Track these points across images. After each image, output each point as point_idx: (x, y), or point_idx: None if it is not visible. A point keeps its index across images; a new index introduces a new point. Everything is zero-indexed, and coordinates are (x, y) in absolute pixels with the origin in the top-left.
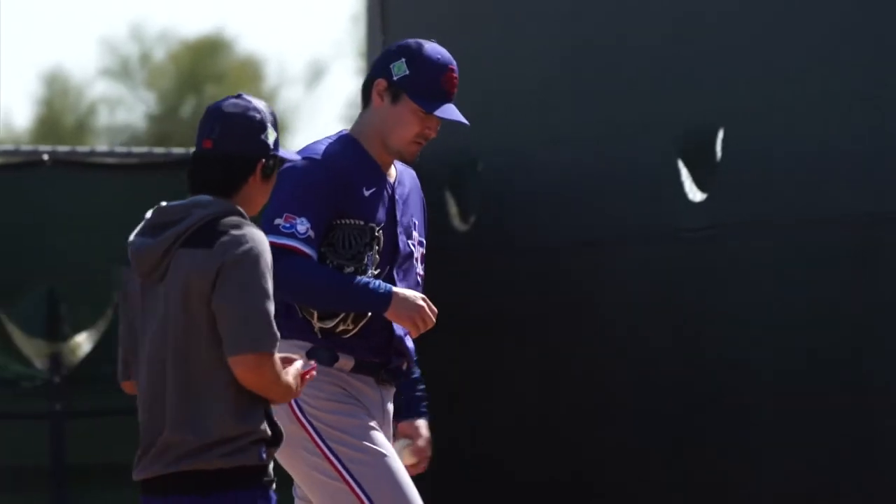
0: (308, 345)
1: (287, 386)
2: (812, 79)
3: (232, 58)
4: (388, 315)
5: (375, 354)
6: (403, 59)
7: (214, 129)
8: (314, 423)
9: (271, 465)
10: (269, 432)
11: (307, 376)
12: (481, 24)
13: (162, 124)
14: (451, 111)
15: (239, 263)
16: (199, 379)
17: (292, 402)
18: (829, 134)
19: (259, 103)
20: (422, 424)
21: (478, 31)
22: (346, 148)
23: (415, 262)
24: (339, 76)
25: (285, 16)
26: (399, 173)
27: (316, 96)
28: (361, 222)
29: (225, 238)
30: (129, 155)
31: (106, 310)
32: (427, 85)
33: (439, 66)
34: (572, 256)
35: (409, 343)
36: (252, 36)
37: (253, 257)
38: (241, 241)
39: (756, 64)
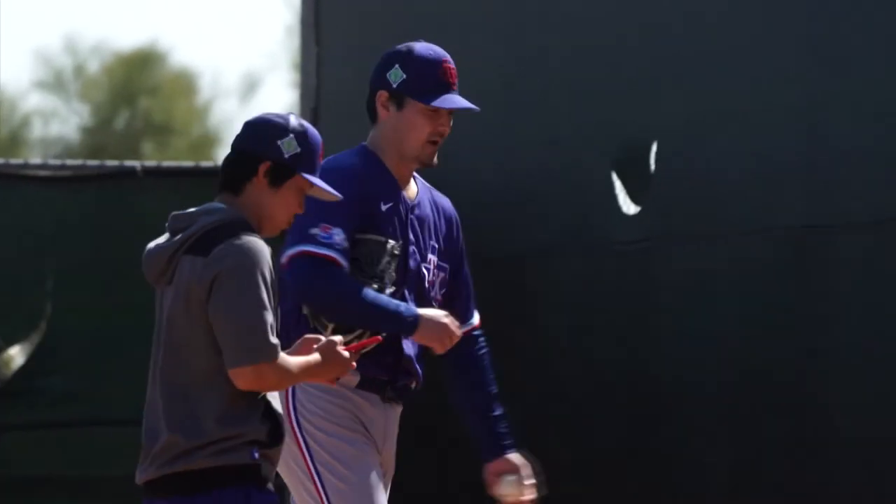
0: None
1: (300, 375)
2: (750, 92)
3: (166, 70)
4: (414, 338)
5: (383, 371)
6: (397, 65)
7: (241, 130)
8: (308, 441)
9: (270, 466)
10: (267, 435)
11: (363, 347)
12: (417, 36)
13: (96, 137)
14: (456, 101)
15: (233, 273)
16: (198, 382)
17: (292, 413)
18: (766, 147)
19: (296, 120)
20: (515, 457)
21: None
22: (365, 160)
23: (428, 285)
24: (274, 88)
25: (219, 28)
26: (420, 195)
27: (250, 109)
28: (382, 238)
29: (221, 247)
30: (62, 167)
31: (39, 322)
32: (426, 82)
33: (434, 61)
34: (511, 267)
35: (418, 365)
36: (186, 48)
37: (248, 267)
38: (236, 250)
39: (694, 77)
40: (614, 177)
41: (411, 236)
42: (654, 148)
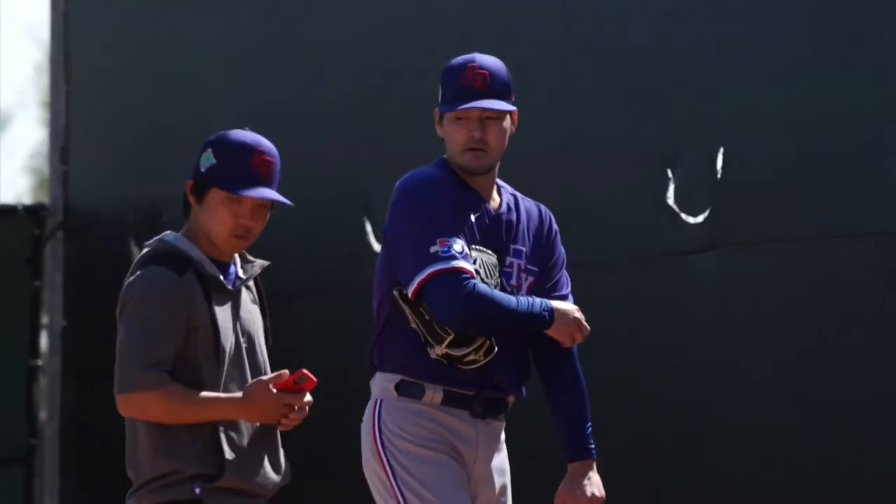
0: (397, 377)
1: (204, 409)
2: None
3: None
4: (549, 331)
5: (467, 386)
6: (440, 84)
7: None
8: (391, 460)
9: (222, 497)
10: (212, 467)
11: (295, 390)
12: (167, 73)
13: None
14: (480, 104)
15: (127, 304)
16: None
17: (376, 431)
18: (521, 186)
19: (228, 133)
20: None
21: (164, 81)
22: (446, 172)
23: (510, 289)
24: (23, 127)
25: None
26: (503, 201)
27: None
28: (489, 250)
29: (128, 278)
30: None
31: None
32: (452, 91)
33: (458, 69)
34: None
35: (517, 374)
36: None
37: (136, 300)
38: (135, 283)
39: None
40: (367, 224)
41: (497, 243)
42: None
